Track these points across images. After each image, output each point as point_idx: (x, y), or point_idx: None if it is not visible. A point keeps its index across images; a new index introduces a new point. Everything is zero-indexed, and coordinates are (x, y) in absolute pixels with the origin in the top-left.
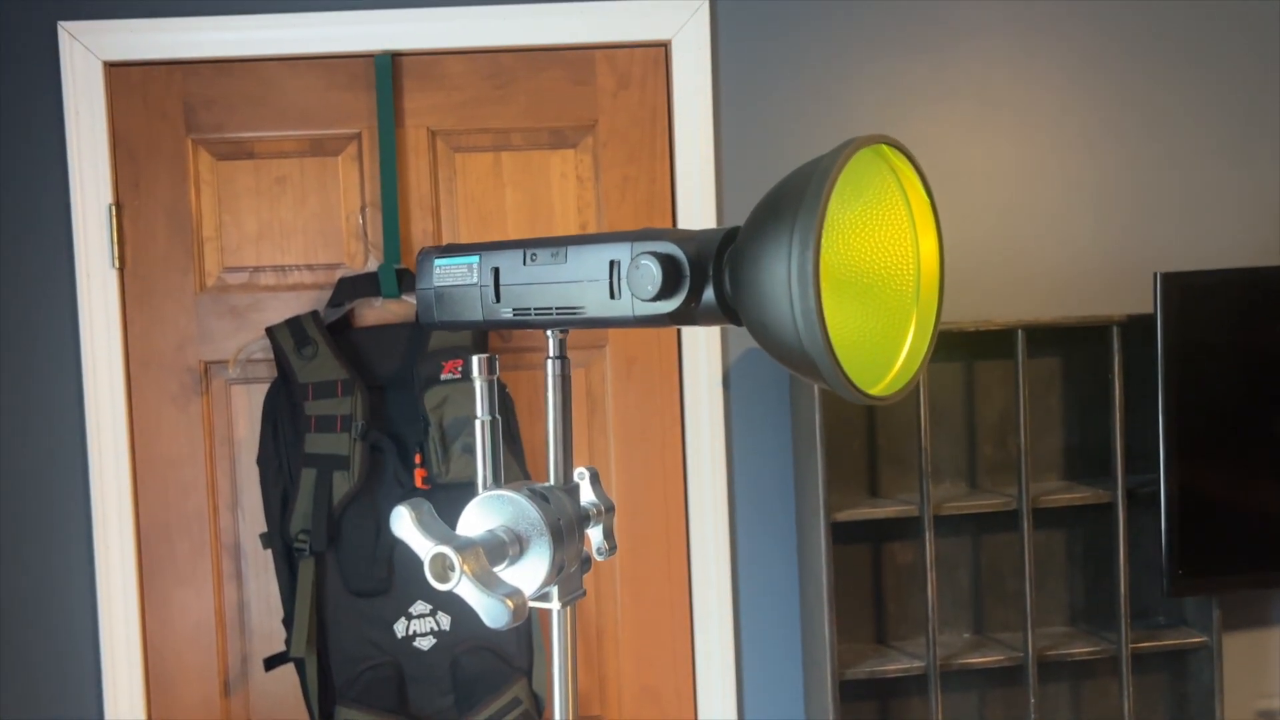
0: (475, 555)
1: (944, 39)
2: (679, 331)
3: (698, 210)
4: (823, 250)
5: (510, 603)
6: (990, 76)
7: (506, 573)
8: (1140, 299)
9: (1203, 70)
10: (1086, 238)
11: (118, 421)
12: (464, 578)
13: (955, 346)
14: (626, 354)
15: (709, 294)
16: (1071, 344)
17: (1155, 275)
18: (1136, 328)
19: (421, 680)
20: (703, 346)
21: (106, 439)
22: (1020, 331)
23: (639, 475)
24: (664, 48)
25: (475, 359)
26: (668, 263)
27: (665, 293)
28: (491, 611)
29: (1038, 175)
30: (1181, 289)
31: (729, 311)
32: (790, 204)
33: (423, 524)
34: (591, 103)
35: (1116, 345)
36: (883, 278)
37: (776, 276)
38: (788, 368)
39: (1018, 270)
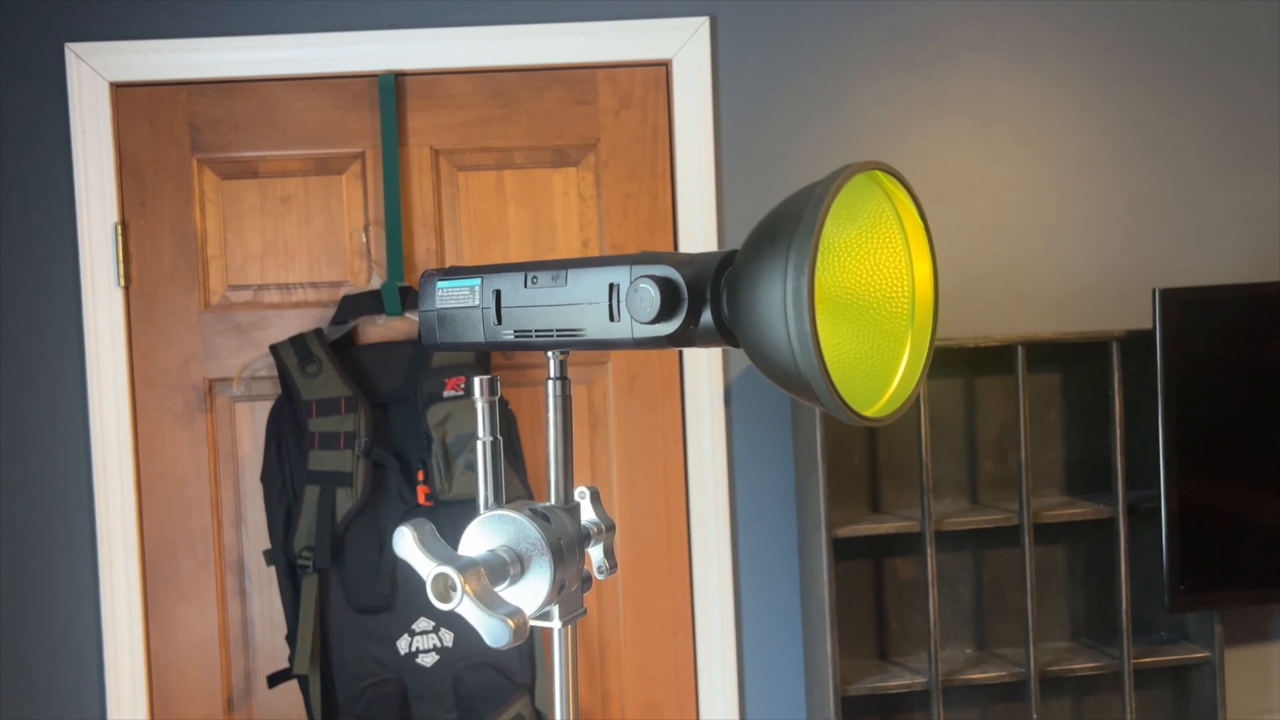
0: (477, 575)
1: (943, 57)
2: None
3: (699, 228)
4: (818, 274)
5: (511, 622)
6: (989, 93)
7: (508, 592)
8: (1139, 314)
9: (1202, 87)
10: (1086, 253)
11: (122, 439)
12: (466, 597)
13: (955, 362)
14: (629, 370)
15: (707, 317)
16: (1071, 359)
17: (1154, 291)
18: (1136, 343)
19: (424, 697)
20: (704, 363)
21: (111, 456)
22: (1020, 347)
23: (641, 491)
24: (665, 67)
25: (477, 380)
26: (666, 286)
27: (663, 315)
28: (493, 631)
29: (1037, 191)
30: (1180, 305)
31: (726, 334)
32: (785, 229)
33: (425, 544)
34: (593, 121)
35: (1116, 361)
36: (878, 301)
37: (772, 300)
38: (784, 389)
39: (1017, 286)
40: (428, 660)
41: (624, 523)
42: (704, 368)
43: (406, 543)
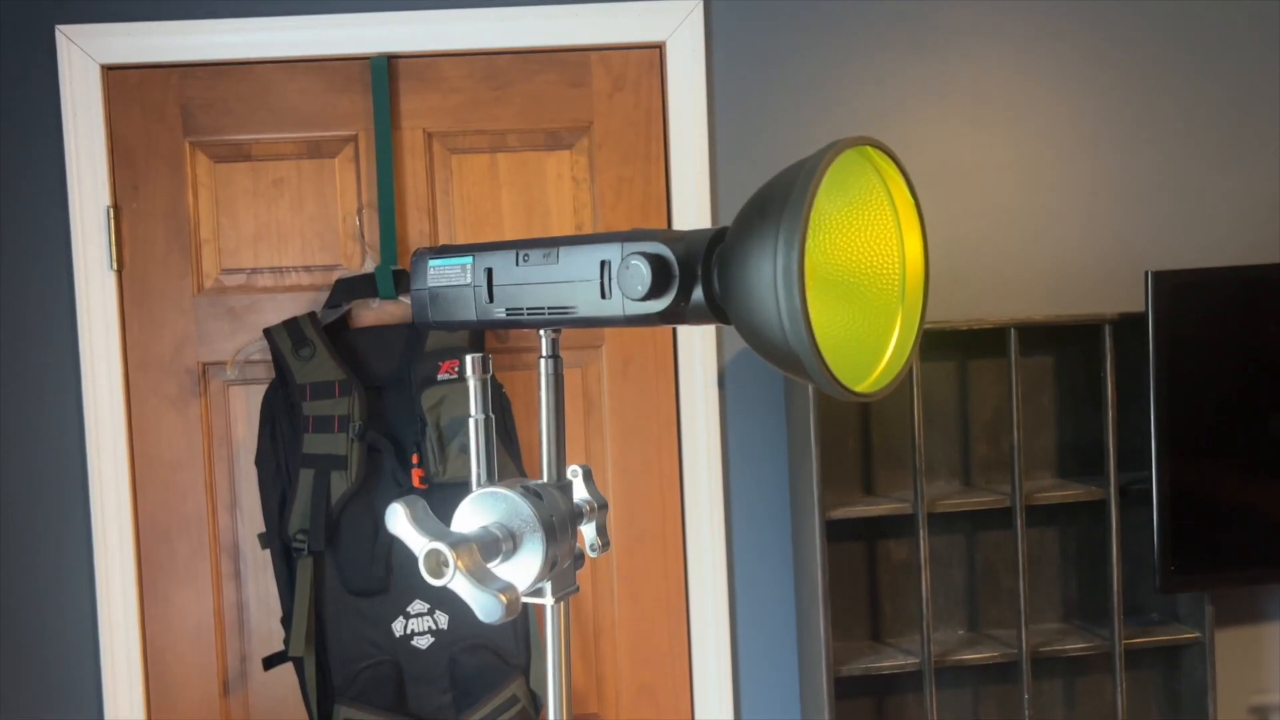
0: (469, 551)
1: (938, 40)
2: (674, 331)
3: (692, 211)
4: (808, 250)
5: (504, 597)
6: (984, 77)
7: (500, 568)
8: (1132, 297)
9: (1195, 70)
10: (1079, 236)
11: (116, 423)
12: (458, 573)
13: (948, 345)
14: (623, 354)
15: (698, 293)
16: (1064, 342)
17: (1147, 274)
18: (1128, 326)
19: (420, 679)
20: (698, 346)
21: (105, 441)
22: (1013, 330)
23: (635, 474)
24: (659, 50)
25: (469, 357)
26: (657, 263)
27: (655, 292)
28: (485, 606)
29: (1031, 174)
30: (1173, 287)
31: (717, 311)
32: (776, 204)
33: (417, 520)
34: (587, 104)
35: (1109, 343)
36: (868, 277)
37: (763, 276)
38: (775, 365)
39: (1010, 269)
40: (423, 642)
41: (618, 506)
42: (698, 351)
43: (399, 519)
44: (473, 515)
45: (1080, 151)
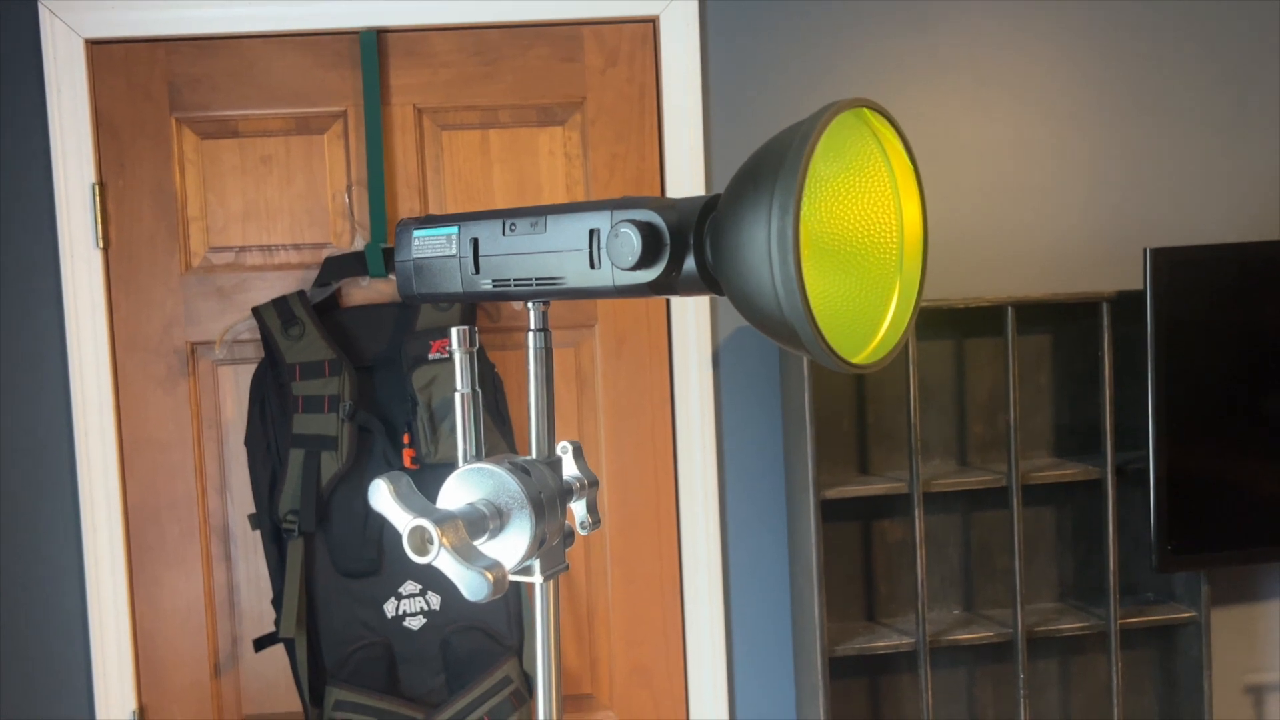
0: (454, 528)
1: (936, 14)
2: (668, 310)
3: (686, 187)
4: (803, 216)
5: (490, 575)
6: (982, 52)
7: (487, 546)
8: (1131, 275)
9: (1194, 46)
10: (1077, 214)
11: (104, 404)
12: (443, 550)
13: (945, 323)
14: (616, 333)
15: (690, 263)
16: (1062, 321)
17: (1145, 251)
18: (1127, 304)
19: (412, 660)
20: (692, 325)
21: (93, 421)
22: (1010, 308)
23: (629, 454)
24: (652, 24)
25: (454, 330)
26: (648, 231)
27: (645, 262)
28: (471, 584)
29: (1029, 151)
30: (1172, 265)
31: (710, 280)
32: (770, 169)
33: (401, 497)
34: (579, 80)
35: (1106, 322)
36: (865, 245)
37: (756, 243)
38: (769, 336)
39: (1008, 246)
40: (415, 623)
41: (612, 486)
42: (692, 329)
43: (382, 495)
44: (459, 491)
45: (1079, 127)
